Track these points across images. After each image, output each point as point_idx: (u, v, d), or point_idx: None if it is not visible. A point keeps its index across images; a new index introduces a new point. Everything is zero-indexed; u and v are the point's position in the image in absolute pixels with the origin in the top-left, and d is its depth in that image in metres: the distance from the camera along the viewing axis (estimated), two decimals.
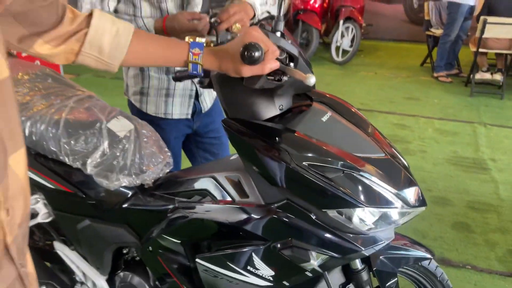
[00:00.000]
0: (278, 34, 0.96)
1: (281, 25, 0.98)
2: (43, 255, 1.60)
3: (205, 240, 1.19)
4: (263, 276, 1.09)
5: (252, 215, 1.07)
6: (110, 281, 1.47)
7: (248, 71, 0.90)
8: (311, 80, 0.89)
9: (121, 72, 1.68)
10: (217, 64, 0.96)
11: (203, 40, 0.96)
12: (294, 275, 1.08)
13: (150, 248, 1.30)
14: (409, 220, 1.12)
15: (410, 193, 1.06)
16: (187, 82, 1.59)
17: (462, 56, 5.86)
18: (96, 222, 1.38)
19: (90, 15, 0.90)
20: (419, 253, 1.31)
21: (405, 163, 1.17)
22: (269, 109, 1.08)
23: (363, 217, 1.02)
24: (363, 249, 1.03)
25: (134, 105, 1.65)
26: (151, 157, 1.35)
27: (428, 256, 1.32)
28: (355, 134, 1.12)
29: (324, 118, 1.10)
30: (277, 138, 1.02)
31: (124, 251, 1.47)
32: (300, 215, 1.01)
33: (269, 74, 0.95)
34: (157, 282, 1.39)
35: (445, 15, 5.68)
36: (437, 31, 5.83)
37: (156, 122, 1.60)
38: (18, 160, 0.63)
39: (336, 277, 1.23)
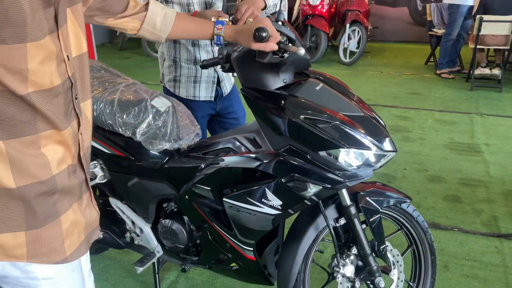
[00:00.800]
0: (280, 23, 1.33)
1: (282, 16, 1.35)
2: (101, 211, 1.99)
3: (229, 184, 1.55)
4: (274, 206, 1.45)
5: (264, 160, 1.43)
6: (154, 228, 1.84)
7: (255, 45, 1.28)
8: (301, 51, 1.26)
9: (157, 64, 2.08)
10: (234, 37, 1.34)
11: (225, 19, 1.36)
12: (296, 203, 1.44)
13: (187, 197, 1.67)
14: (384, 164, 1.47)
15: (383, 141, 1.41)
16: (211, 70, 1.97)
17: (464, 54, 6.16)
18: (143, 180, 1.75)
19: (147, 3, 1.30)
20: (398, 196, 1.65)
21: (382, 122, 1.52)
22: (276, 81, 1.44)
23: (348, 159, 1.37)
24: (347, 181, 1.38)
25: (169, 90, 2.04)
26: (185, 128, 1.73)
27: (406, 199, 1.66)
28: (341, 99, 1.47)
29: (317, 88, 1.47)
30: (281, 100, 1.38)
31: (165, 205, 1.84)
32: (300, 156, 1.37)
33: (274, 53, 1.32)
34: (192, 226, 1.76)
35: (446, 16, 6.00)
36: (439, 31, 6.15)
37: (187, 103, 1.98)
38: (87, 107, 1.01)
39: (331, 212, 1.58)
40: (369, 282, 1.63)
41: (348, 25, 6.66)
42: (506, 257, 2.26)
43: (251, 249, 1.61)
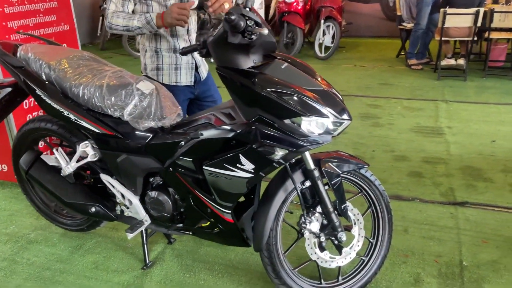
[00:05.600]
0: (247, 9, 1.56)
1: (250, 3, 1.58)
2: (92, 188, 2.19)
3: (208, 154, 1.77)
4: (247, 170, 1.67)
5: (238, 130, 1.66)
6: (142, 200, 2.04)
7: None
8: (265, 31, 1.49)
9: (138, 63, 2.28)
10: None
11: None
12: (266, 166, 1.66)
13: (171, 169, 1.88)
14: (342, 131, 1.70)
15: (339, 111, 1.65)
16: (189, 57, 2.19)
17: (433, 47, 6.49)
18: (131, 155, 1.96)
19: None
20: (357, 162, 1.89)
21: (340, 97, 1.75)
22: (246, 62, 1.66)
23: (310, 126, 1.60)
24: (308, 145, 1.61)
25: (152, 78, 2.25)
26: (167, 108, 1.94)
27: (364, 165, 1.90)
28: (303, 76, 1.70)
29: (283, 66, 1.69)
30: (251, 76, 1.60)
31: (151, 179, 2.05)
32: (268, 125, 1.60)
33: (243, 35, 1.55)
34: (176, 196, 1.97)
35: (414, 10, 6.33)
36: (408, 25, 6.48)
37: (170, 89, 2.19)
38: None
39: (298, 176, 1.81)
40: (333, 237, 1.87)
41: (322, 21, 6.93)
42: (459, 221, 2.53)
43: (229, 211, 1.83)
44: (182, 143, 1.82)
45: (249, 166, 1.67)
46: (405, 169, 3.21)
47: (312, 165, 1.77)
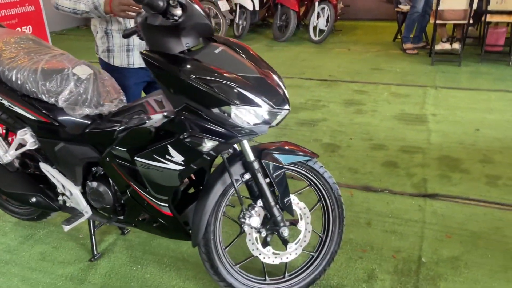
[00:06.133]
0: None
1: None
2: (33, 177, 2.11)
3: (140, 144, 1.67)
4: (177, 161, 1.57)
5: (165, 119, 1.55)
6: (83, 190, 1.96)
7: None
8: (177, 12, 1.38)
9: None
10: None
11: None
12: (196, 158, 1.56)
13: (107, 159, 1.79)
14: (281, 121, 1.59)
15: (275, 99, 1.53)
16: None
17: (430, 30, 6.26)
18: (68, 144, 1.87)
19: None
20: (304, 154, 1.77)
21: (280, 83, 1.63)
22: (178, 45, 1.53)
23: (241, 116, 1.48)
24: (240, 136, 1.50)
25: (103, 60, 2.14)
26: (106, 94, 1.84)
27: (312, 157, 1.79)
28: (239, 61, 1.58)
29: (216, 51, 1.57)
30: (179, 62, 1.49)
31: (93, 169, 1.96)
32: (195, 113, 1.49)
33: (164, 16, 1.43)
34: (116, 187, 1.88)
35: None
36: (405, 7, 6.25)
37: (121, 72, 2.10)
38: None
39: (237, 168, 1.70)
40: (275, 232, 1.77)
41: (317, 4, 6.73)
42: (426, 214, 2.42)
43: (166, 204, 1.73)
44: (117, 130, 1.73)
45: (178, 158, 1.57)
46: (380, 159, 3.09)
47: (251, 157, 1.66)
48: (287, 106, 1.57)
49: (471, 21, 5.31)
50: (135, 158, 1.66)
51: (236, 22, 7.28)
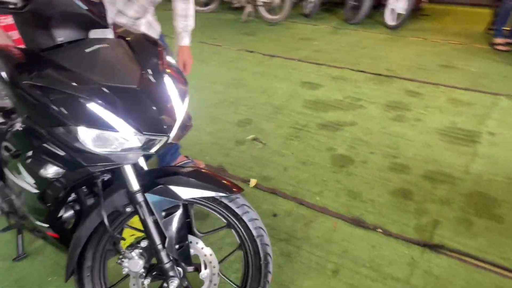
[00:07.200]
0: None
1: None
2: None
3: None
4: (30, 183, 1.29)
5: (9, 130, 1.27)
6: None
7: None
8: None
9: None
10: None
11: None
12: (44, 183, 1.25)
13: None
14: (158, 149, 1.22)
15: (146, 122, 1.16)
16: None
17: None
18: None
19: None
20: (217, 188, 1.37)
21: (176, 100, 1.24)
22: (48, 39, 1.22)
23: (93, 140, 1.14)
24: (87, 165, 1.16)
25: None
26: None
27: (225, 192, 1.38)
28: (115, 67, 1.22)
29: (88, 50, 1.23)
30: (28, 62, 1.17)
31: None
32: (36, 130, 1.18)
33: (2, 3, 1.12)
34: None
35: None
36: None
37: None
38: None
39: (121, 197, 1.36)
40: (164, 284, 1.42)
41: None
42: (415, 273, 1.88)
43: (47, 225, 1.47)
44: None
45: (30, 180, 1.28)
46: (393, 184, 2.52)
47: (134, 186, 1.32)
48: (163, 132, 1.19)
49: None
50: (4, 168, 1.41)
51: None
